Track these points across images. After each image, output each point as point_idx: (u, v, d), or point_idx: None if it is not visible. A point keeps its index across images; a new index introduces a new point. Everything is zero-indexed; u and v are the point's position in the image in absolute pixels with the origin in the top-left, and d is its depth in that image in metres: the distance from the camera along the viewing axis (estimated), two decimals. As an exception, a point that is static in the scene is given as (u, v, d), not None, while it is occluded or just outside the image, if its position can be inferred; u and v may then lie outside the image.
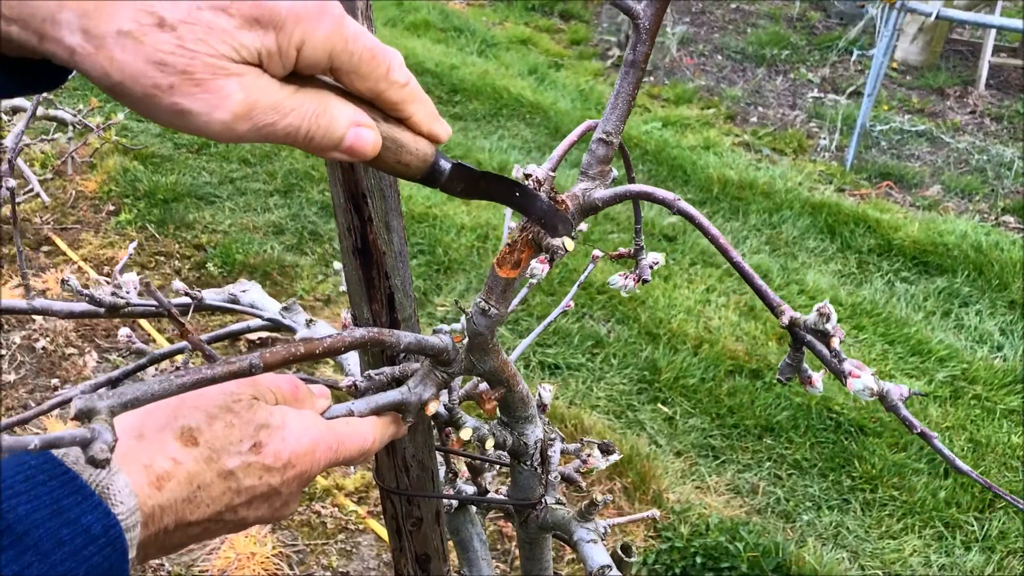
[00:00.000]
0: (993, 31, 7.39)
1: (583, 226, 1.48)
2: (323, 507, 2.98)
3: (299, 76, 0.60)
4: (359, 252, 0.85)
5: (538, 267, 0.72)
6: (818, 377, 0.68)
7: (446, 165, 0.69)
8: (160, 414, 0.65)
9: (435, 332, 0.81)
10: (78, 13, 0.51)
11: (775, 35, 8.52)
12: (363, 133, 0.62)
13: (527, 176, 0.79)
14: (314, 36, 0.57)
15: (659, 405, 3.58)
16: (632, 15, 0.75)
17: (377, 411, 0.78)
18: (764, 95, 7.38)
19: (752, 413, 3.50)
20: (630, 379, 3.70)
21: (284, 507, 0.71)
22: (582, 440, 0.98)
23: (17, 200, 3.34)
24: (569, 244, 0.73)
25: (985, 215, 5.51)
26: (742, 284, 4.44)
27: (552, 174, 0.79)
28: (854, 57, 8.01)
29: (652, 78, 7.61)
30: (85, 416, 0.55)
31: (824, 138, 6.46)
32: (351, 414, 0.77)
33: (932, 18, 5.72)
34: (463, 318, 0.84)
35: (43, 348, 3.53)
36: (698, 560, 2.85)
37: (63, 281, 1.25)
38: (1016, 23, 5.80)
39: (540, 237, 0.75)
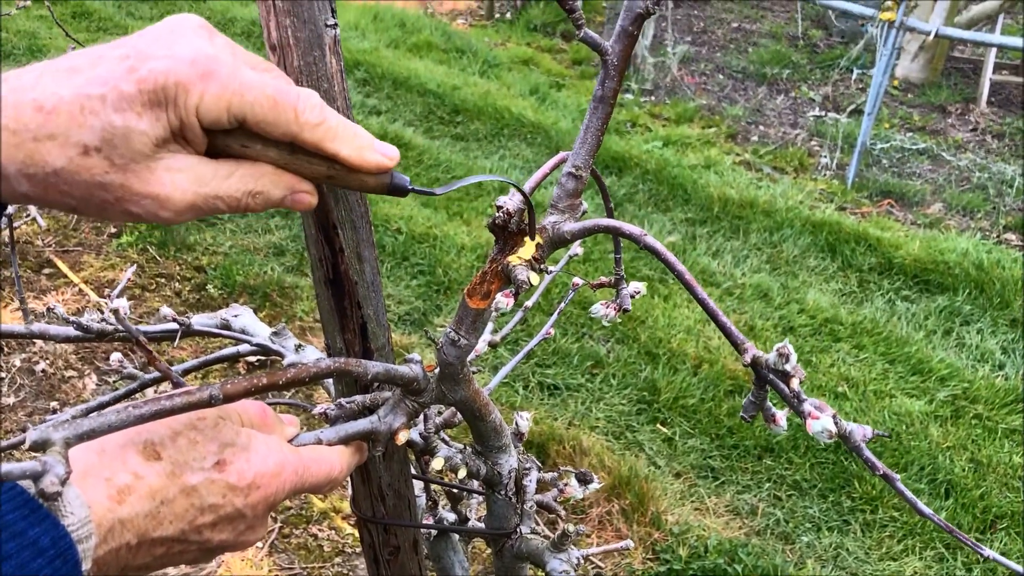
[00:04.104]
0: (994, 48, 7.40)
1: (578, 248, 1.48)
2: (320, 530, 2.98)
3: (238, 141, 0.65)
4: (331, 283, 0.85)
5: (503, 301, 0.72)
6: (782, 416, 0.68)
7: (404, 187, 0.72)
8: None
9: (406, 361, 0.81)
10: (17, 166, 0.57)
11: (776, 54, 8.55)
12: (299, 197, 0.68)
13: (498, 207, 0.80)
14: (205, 98, 0.61)
15: (658, 426, 3.57)
16: (600, 51, 0.76)
17: (346, 440, 0.78)
18: (765, 114, 7.40)
19: (752, 433, 3.49)
20: (629, 399, 3.69)
21: (249, 532, 0.71)
22: (559, 469, 0.98)
23: (16, 224, 3.36)
24: (534, 279, 0.73)
25: (987, 233, 5.50)
26: (742, 303, 4.43)
27: (522, 206, 0.79)
28: (855, 75, 8.03)
29: (653, 97, 7.63)
30: (40, 447, 0.55)
31: (825, 156, 6.46)
32: (320, 442, 0.77)
33: (932, 36, 5.74)
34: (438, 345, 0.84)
35: (43, 371, 3.54)
36: (697, 582, 2.84)
37: (48, 309, 1.26)
38: (1017, 41, 5.81)
39: (510, 269, 0.75)
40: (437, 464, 0.86)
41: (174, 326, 1.40)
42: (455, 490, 1.05)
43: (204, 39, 0.62)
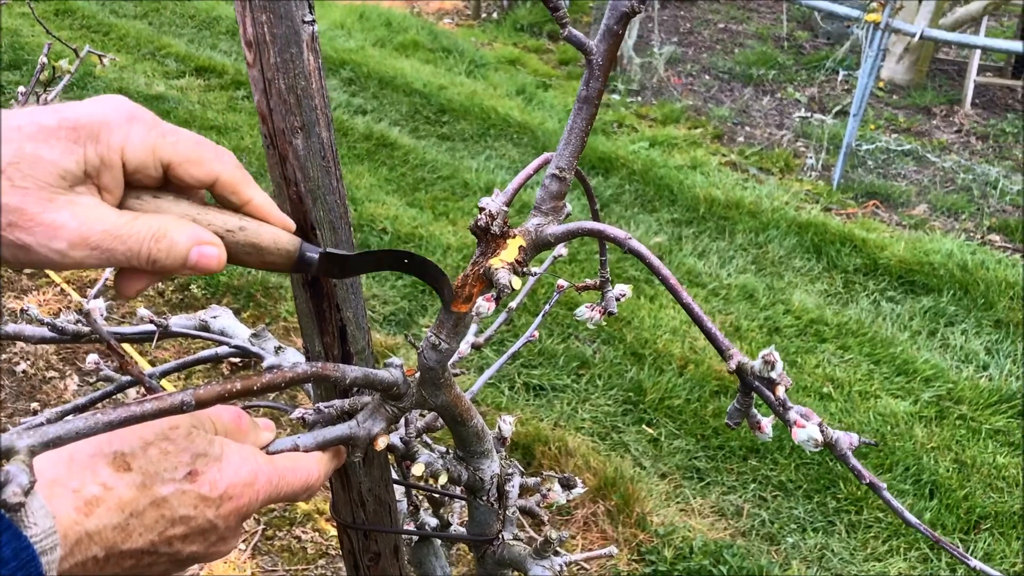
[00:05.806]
0: (978, 51, 7.44)
1: (563, 250, 1.47)
2: (303, 532, 2.95)
3: (151, 195, 0.66)
4: (309, 285, 0.84)
5: (484, 305, 0.71)
6: (767, 423, 0.67)
7: (313, 256, 0.73)
8: (93, 439, 0.63)
9: (386, 365, 0.79)
10: None
11: (763, 55, 8.56)
12: (206, 251, 0.67)
13: (480, 209, 0.78)
14: (131, 138, 0.62)
15: (644, 426, 3.56)
16: (585, 51, 0.74)
17: (324, 445, 0.76)
18: (751, 115, 7.41)
19: (737, 434, 3.49)
20: (615, 400, 3.68)
21: (221, 543, 0.69)
22: (542, 473, 0.96)
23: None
24: (516, 282, 0.72)
25: (971, 234, 5.53)
26: (728, 304, 4.43)
27: (505, 208, 0.78)
28: (841, 77, 8.05)
29: (640, 98, 7.63)
30: (3, 456, 0.54)
31: (811, 157, 6.48)
32: (296, 448, 0.75)
33: (917, 38, 5.76)
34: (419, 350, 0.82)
35: (23, 371, 3.50)
36: (682, 584, 2.83)
37: (22, 311, 1.24)
38: (1000, 43, 5.84)
39: (491, 272, 0.74)
40: (417, 470, 0.85)
41: (151, 327, 1.38)
42: (437, 495, 1.03)
43: (131, 102, 0.65)
